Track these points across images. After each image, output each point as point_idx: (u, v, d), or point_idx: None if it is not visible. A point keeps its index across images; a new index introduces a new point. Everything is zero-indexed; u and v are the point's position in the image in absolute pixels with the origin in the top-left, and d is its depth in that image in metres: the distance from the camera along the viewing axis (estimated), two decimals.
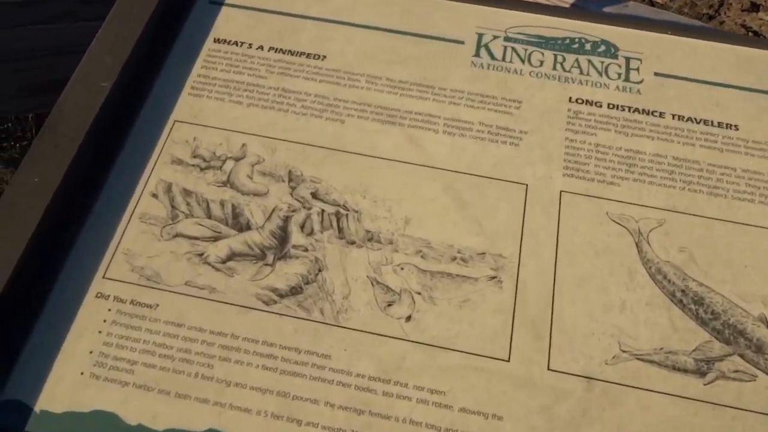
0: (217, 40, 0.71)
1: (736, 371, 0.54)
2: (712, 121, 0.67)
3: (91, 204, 0.59)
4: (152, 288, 0.56)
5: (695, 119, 0.67)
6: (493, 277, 0.58)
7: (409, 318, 0.56)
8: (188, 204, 0.60)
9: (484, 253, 0.59)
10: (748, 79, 0.70)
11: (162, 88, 0.67)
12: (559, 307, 0.56)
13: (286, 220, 0.60)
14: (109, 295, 0.55)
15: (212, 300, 0.55)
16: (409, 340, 0.54)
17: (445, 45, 0.72)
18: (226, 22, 0.72)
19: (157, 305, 0.55)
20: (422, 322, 0.55)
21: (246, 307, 0.55)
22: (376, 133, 0.65)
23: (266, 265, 0.57)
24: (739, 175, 0.64)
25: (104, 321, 0.54)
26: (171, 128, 0.64)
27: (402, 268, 0.58)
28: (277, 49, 0.71)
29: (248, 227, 0.59)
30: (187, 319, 0.54)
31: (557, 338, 0.55)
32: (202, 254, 0.58)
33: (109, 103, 0.62)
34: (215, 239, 0.58)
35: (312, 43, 0.71)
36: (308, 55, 0.70)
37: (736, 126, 0.67)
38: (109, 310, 0.55)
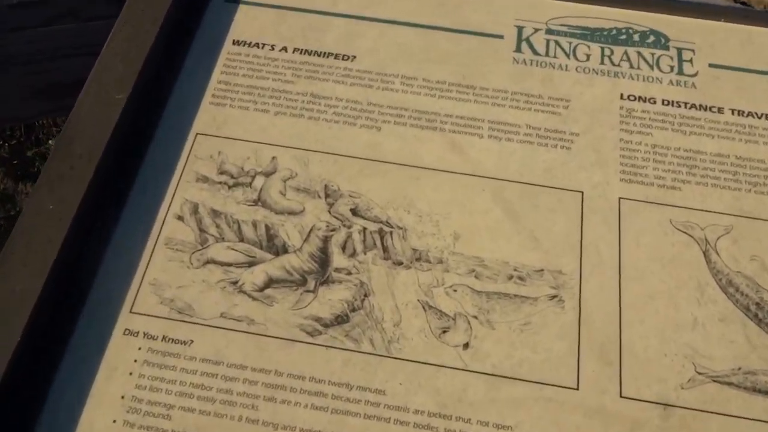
0: (236, 42, 0.65)
1: None
2: None
3: (112, 230, 0.54)
4: (185, 322, 0.51)
5: (756, 114, 0.63)
6: (554, 296, 0.53)
7: (466, 345, 0.51)
8: (218, 226, 0.55)
9: (542, 270, 0.54)
10: None
11: (180, 97, 0.61)
12: (627, 328, 0.52)
13: (326, 240, 0.55)
14: (138, 332, 0.50)
15: (251, 333, 0.51)
16: (469, 370, 0.50)
17: (483, 40, 0.66)
18: (245, 22, 0.67)
19: (192, 341, 0.50)
20: (481, 349, 0.51)
21: (289, 339, 0.51)
22: (416, 140, 0.60)
23: (308, 291, 0.53)
24: None
25: (135, 361, 0.49)
26: (193, 142, 0.59)
27: (455, 290, 0.53)
28: (302, 50, 0.65)
29: (285, 250, 0.54)
30: (226, 356, 0.50)
31: (627, 361, 0.51)
32: (236, 282, 0.53)
33: (125, 118, 0.56)
34: (250, 265, 0.53)
35: (340, 42, 0.66)
36: (336, 56, 0.65)
37: None
38: (140, 348, 0.50)
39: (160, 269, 0.53)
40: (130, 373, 0.49)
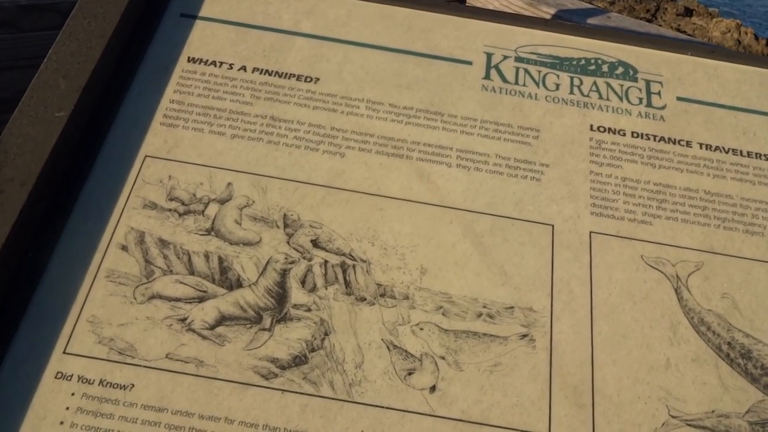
0: (191, 60, 0.61)
1: None
2: (741, 151, 0.62)
3: (47, 261, 0.49)
4: (125, 364, 0.46)
5: (723, 149, 0.62)
6: (525, 335, 0.51)
7: (433, 388, 0.48)
8: (165, 257, 0.51)
9: (512, 307, 0.52)
10: None
11: (128, 117, 0.57)
12: (599, 369, 0.50)
13: (284, 273, 0.51)
14: (71, 375, 0.45)
15: (200, 376, 0.46)
16: (436, 416, 0.47)
17: (452, 66, 0.64)
18: (202, 39, 0.63)
19: (132, 385, 0.45)
20: (449, 392, 0.48)
21: (242, 383, 0.46)
22: (382, 167, 0.57)
23: (263, 330, 0.49)
24: None
25: (67, 408, 0.44)
26: (141, 165, 0.55)
27: (421, 328, 0.50)
28: (262, 70, 0.62)
29: (239, 284, 0.50)
30: (171, 402, 0.45)
31: (601, 405, 0.48)
32: (185, 319, 0.48)
33: (65, 138, 0.51)
34: (200, 300, 0.49)
35: (303, 63, 0.63)
36: (299, 77, 0.62)
37: (766, 156, 0.62)
38: (73, 394, 0.45)
39: (100, 305, 0.48)
40: (61, 423, 0.44)
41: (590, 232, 0.56)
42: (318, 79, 0.62)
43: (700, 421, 0.49)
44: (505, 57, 0.66)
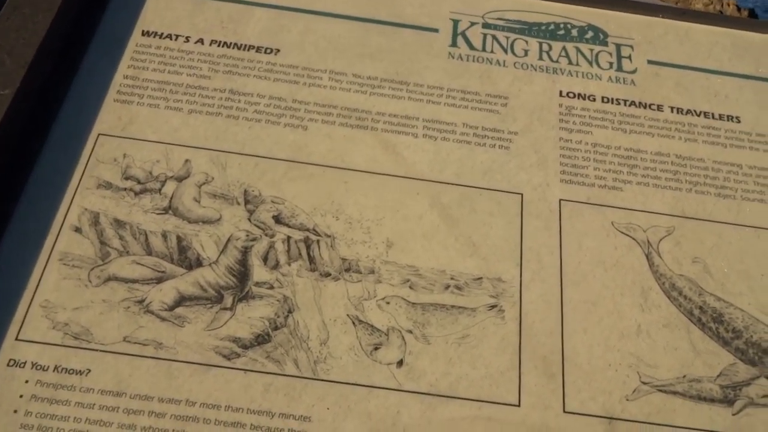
0: (146, 33, 0.59)
1: (765, 396, 0.49)
2: (712, 114, 0.61)
3: None
4: (81, 348, 0.45)
5: (695, 112, 0.61)
6: (494, 306, 0.50)
7: (401, 363, 0.47)
8: (121, 238, 0.49)
9: (480, 278, 0.51)
10: (746, 66, 0.64)
11: (80, 94, 0.55)
12: (569, 337, 0.49)
13: (245, 251, 0.50)
14: (25, 362, 0.44)
15: (159, 359, 0.45)
16: (403, 390, 0.46)
17: (417, 34, 0.62)
18: (156, 11, 0.60)
19: (89, 370, 0.44)
20: (416, 366, 0.47)
21: (203, 364, 0.45)
22: (346, 140, 0.56)
23: (224, 309, 0.47)
24: (746, 173, 0.58)
25: (20, 396, 0.43)
26: (95, 144, 0.53)
27: (388, 303, 0.49)
28: (220, 42, 0.60)
29: (199, 263, 0.49)
30: (129, 386, 0.44)
31: (571, 374, 0.48)
32: (142, 301, 0.47)
33: (11, 116, 0.49)
34: (158, 281, 0.48)
35: (262, 34, 0.60)
36: (258, 49, 0.60)
37: (737, 118, 0.61)
38: (27, 381, 0.43)
39: (53, 289, 0.46)
40: (15, 411, 0.42)
41: (560, 200, 0.55)
42: (278, 51, 0.60)
43: (672, 386, 0.48)
44: (472, 23, 0.64)
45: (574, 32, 0.64)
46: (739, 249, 0.54)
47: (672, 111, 0.61)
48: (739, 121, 0.61)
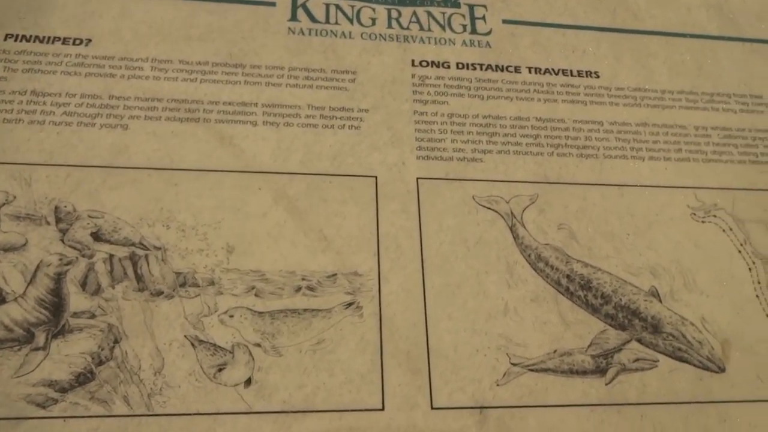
0: None
1: (636, 360, 0.48)
2: (571, 71, 0.59)
3: None
4: None
5: (553, 70, 0.59)
6: (351, 304, 0.46)
7: (249, 382, 0.42)
8: None
9: (335, 275, 0.46)
10: (602, 18, 0.62)
11: None
12: (434, 326, 0.46)
13: (59, 278, 0.43)
14: None
15: None
16: (253, 412, 0.41)
17: (251, 9, 0.56)
18: None
19: None
20: (267, 383, 0.42)
21: (11, 418, 0.39)
22: (174, 136, 0.49)
23: (36, 349, 0.41)
24: (608, 129, 0.56)
25: None
26: None
27: (231, 316, 0.44)
28: (17, 36, 0.51)
29: (2, 299, 0.42)
30: None
31: (438, 366, 0.45)
32: None
33: None
34: None
35: (69, 23, 0.53)
36: (66, 41, 0.52)
37: (596, 73, 0.59)
38: None
39: None
40: None
41: (417, 178, 0.51)
42: (90, 41, 0.52)
43: (542, 363, 0.46)
44: None
45: None
46: (604, 209, 0.53)
47: (530, 72, 0.58)
48: (598, 76, 0.59)
